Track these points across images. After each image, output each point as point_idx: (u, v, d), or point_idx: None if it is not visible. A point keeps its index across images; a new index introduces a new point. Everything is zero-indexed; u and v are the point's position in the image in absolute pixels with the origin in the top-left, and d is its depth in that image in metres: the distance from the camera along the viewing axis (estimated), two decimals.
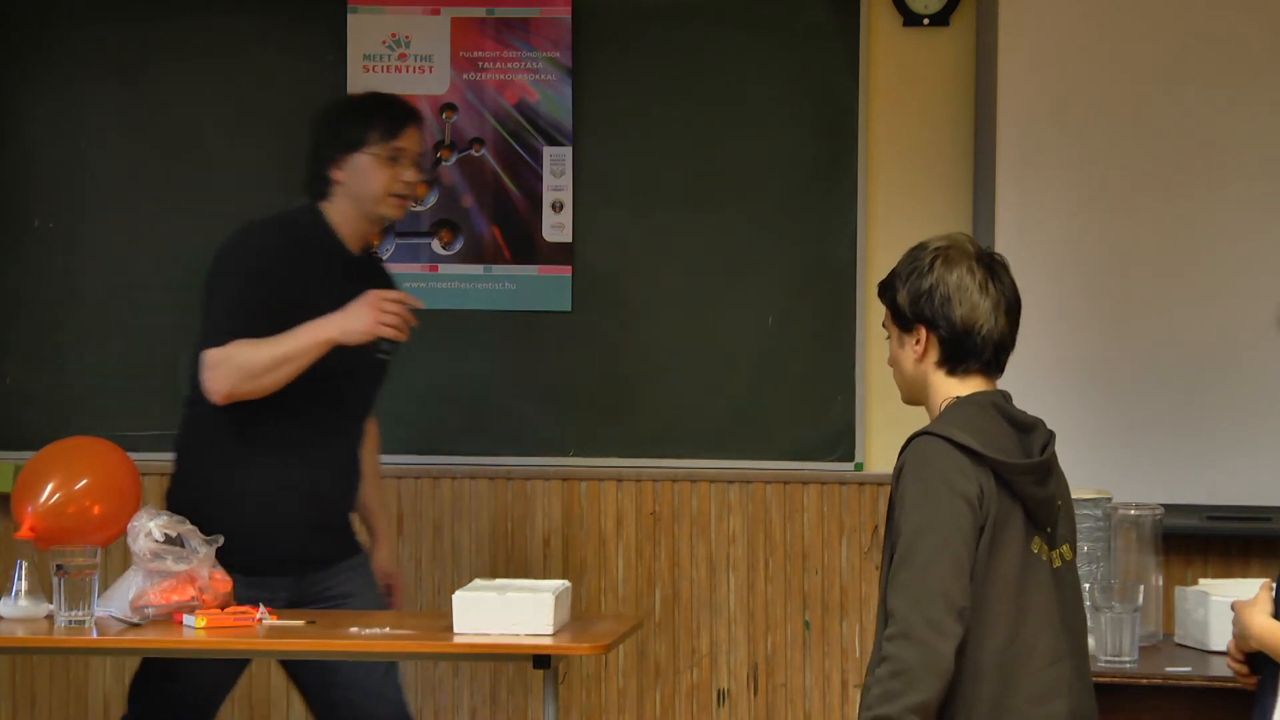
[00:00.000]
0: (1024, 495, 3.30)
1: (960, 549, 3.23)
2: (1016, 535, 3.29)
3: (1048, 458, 3.34)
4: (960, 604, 3.21)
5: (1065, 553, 3.37)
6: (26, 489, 4.16)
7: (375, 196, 4.36)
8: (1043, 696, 3.28)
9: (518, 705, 5.24)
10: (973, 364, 3.38)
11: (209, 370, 4.24)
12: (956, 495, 3.24)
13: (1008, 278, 3.41)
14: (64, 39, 5.30)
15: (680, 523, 5.22)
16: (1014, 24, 4.96)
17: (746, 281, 5.17)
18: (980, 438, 3.28)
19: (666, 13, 5.20)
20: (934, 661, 3.18)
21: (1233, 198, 4.91)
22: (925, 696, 3.17)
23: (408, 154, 4.37)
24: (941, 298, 3.35)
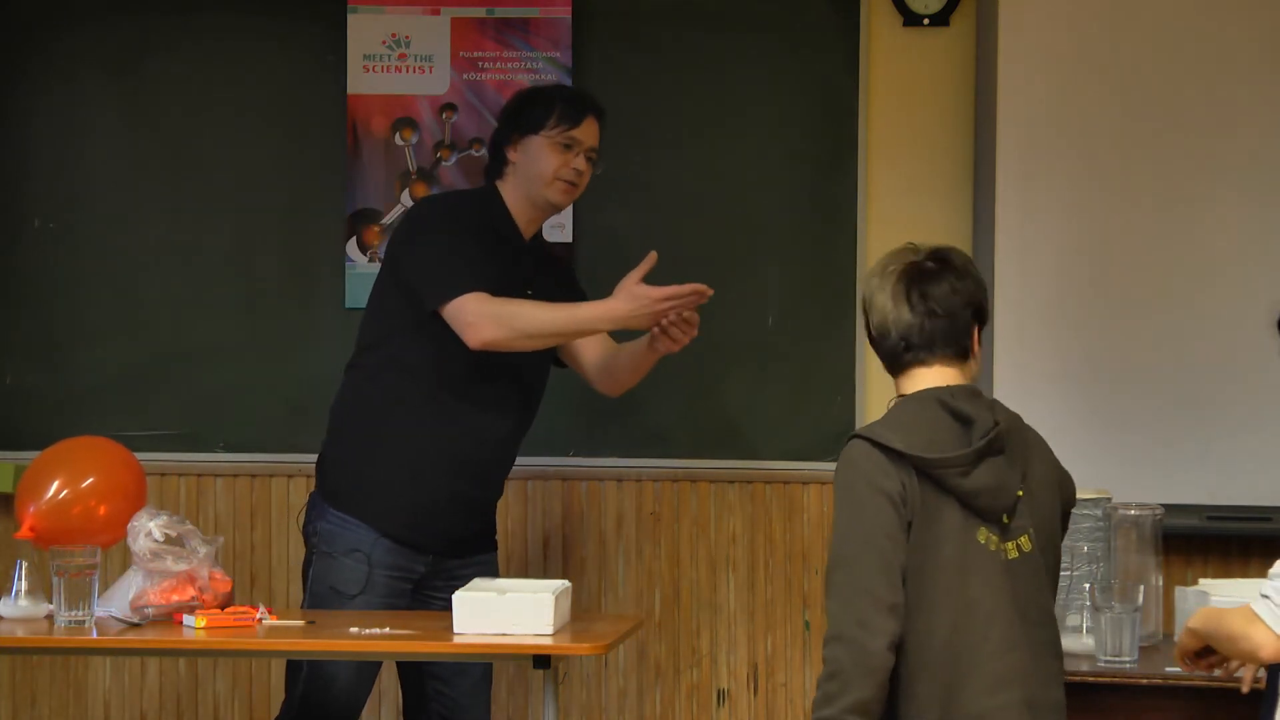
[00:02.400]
0: (951, 488, 3.34)
1: (885, 546, 3.30)
2: (953, 528, 3.34)
3: (977, 448, 3.36)
4: (889, 600, 3.28)
5: (1024, 543, 3.38)
6: (31, 488, 4.16)
7: (544, 178, 4.47)
8: (995, 686, 3.31)
9: (518, 705, 5.24)
10: (905, 360, 3.48)
11: (474, 316, 4.27)
12: (878, 494, 3.32)
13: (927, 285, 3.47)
14: (64, 38, 5.30)
15: (680, 523, 5.22)
16: (1014, 24, 4.96)
17: (746, 281, 5.17)
18: (905, 435, 3.36)
19: (666, 13, 5.20)
20: (865, 659, 3.25)
21: (1233, 197, 4.91)
22: (861, 695, 3.25)
23: (582, 145, 4.50)
24: (867, 314, 3.52)
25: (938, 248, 3.53)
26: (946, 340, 3.46)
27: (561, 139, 4.48)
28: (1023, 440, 3.46)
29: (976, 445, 3.36)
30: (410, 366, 4.42)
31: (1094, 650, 3.96)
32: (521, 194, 4.51)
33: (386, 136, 5.24)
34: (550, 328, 4.33)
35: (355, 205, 5.25)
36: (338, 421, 4.55)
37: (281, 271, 5.27)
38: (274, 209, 5.29)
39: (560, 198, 4.51)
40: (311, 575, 4.44)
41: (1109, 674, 3.87)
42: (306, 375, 5.24)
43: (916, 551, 3.33)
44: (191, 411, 5.27)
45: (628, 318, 4.33)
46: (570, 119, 4.48)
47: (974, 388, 3.48)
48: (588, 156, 4.52)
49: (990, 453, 3.37)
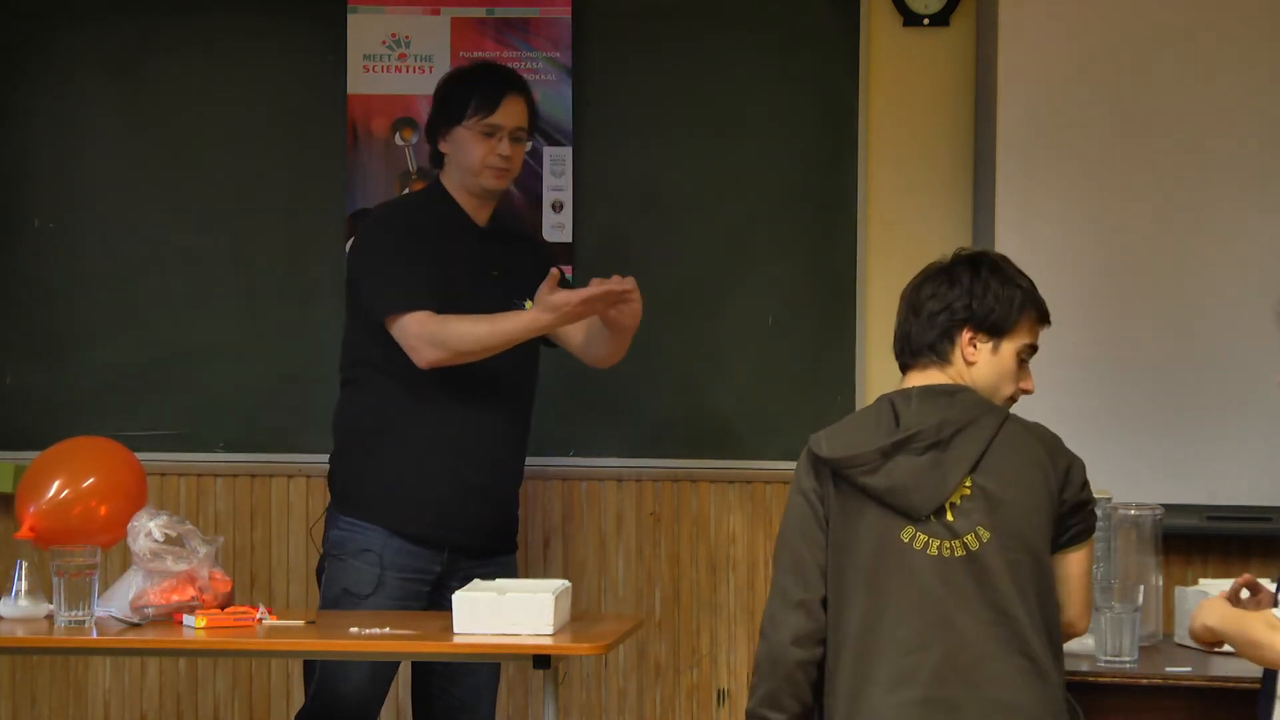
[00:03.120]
0: (860, 486, 3.42)
1: (798, 545, 3.47)
2: (870, 526, 3.42)
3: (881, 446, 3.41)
4: (797, 596, 3.44)
5: (970, 541, 3.38)
6: (31, 488, 4.16)
7: (472, 169, 4.49)
8: (895, 684, 3.36)
9: (518, 705, 5.24)
10: (900, 364, 3.60)
11: (416, 338, 4.34)
12: (799, 494, 3.51)
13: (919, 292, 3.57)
14: (63, 38, 5.30)
15: (680, 523, 5.22)
16: (1014, 24, 4.96)
17: (746, 282, 5.17)
18: (834, 437, 3.49)
19: (666, 13, 5.20)
20: (772, 653, 3.45)
21: (1233, 197, 4.91)
22: (770, 687, 3.46)
23: (505, 128, 4.49)
24: None
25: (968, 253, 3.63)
26: (920, 345, 3.55)
27: (482, 127, 4.47)
28: (982, 437, 3.43)
29: (881, 444, 3.42)
30: (397, 371, 4.43)
31: (1094, 650, 3.96)
32: (459, 184, 4.54)
33: (386, 136, 5.23)
34: (483, 343, 4.35)
35: (355, 205, 5.25)
36: (340, 434, 4.59)
37: (281, 271, 5.27)
38: (274, 209, 5.29)
39: (493, 183, 4.52)
40: (324, 580, 4.47)
41: (1109, 674, 3.87)
42: (306, 375, 5.24)
43: (836, 550, 3.45)
44: (191, 411, 5.27)
45: (551, 325, 4.37)
46: (487, 106, 4.48)
47: (947, 387, 3.50)
48: (514, 137, 4.51)
49: (905, 450, 3.40)
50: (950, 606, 3.37)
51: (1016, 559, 3.40)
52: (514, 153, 4.52)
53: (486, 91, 4.49)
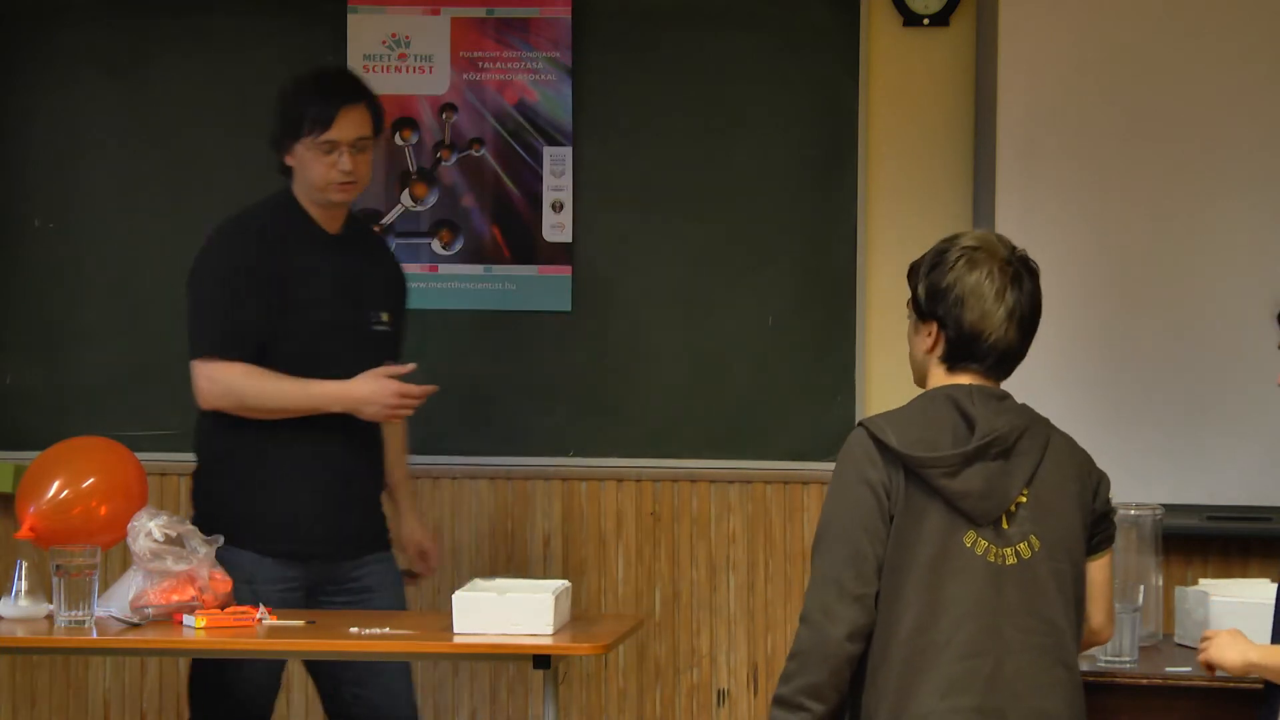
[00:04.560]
0: (938, 488, 3.34)
1: (860, 538, 3.34)
2: (935, 528, 3.34)
3: (971, 448, 3.34)
4: (856, 591, 3.32)
5: (1023, 550, 3.36)
6: (31, 488, 4.16)
7: (317, 186, 4.42)
8: (947, 689, 3.31)
9: (518, 705, 5.24)
10: (973, 365, 3.43)
11: (208, 382, 4.34)
12: (863, 484, 3.35)
13: (1030, 285, 3.45)
14: (64, 39, 5.30)
15: (680, 523, 5.22)
16: (1014, 24, 4.96)
17: (746, 281, 5.17)
18: (903, 430, 3.36)
19: (666, 13, 5.20)
20: (823, 645, 3.32)
21: (1233, 197, 4.91)
22: (815, 679, 3.32)
23: (343, 142, 4.39)
24: (956, 299, 3.40)
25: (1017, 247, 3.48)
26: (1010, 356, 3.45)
27: (320, 145, 4.38)
28: (1039, 447, 3.41)
29: (966, 448, 3.34)
30: None
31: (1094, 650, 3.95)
32: (307, 197, 4.46)
33: (386, 136, 5.23)
34: (278, 404, 4.34)
35: (355, 205, 5.23)
36: (200, 455, 4.52)
37: None
38: None
39: (340, 197, 4.45)
40: None
41: (1109, 674, 3.87)
42: None
43: (896, 547, 3.34)
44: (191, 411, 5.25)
45: (363, 400, 4.34)
46: (322, 122, 4.37)
47: (1000, 391, 3.45)
48: (356, 148, 4.40)
49: (984, 457, 3.35)
50: (1001, 614, 3.34)
51: (1061, 569, 3.39)
52: (357, 164, 4.41)
53: (320, 106, 4.37)
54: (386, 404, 4.35)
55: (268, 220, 4.46)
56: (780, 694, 3.36)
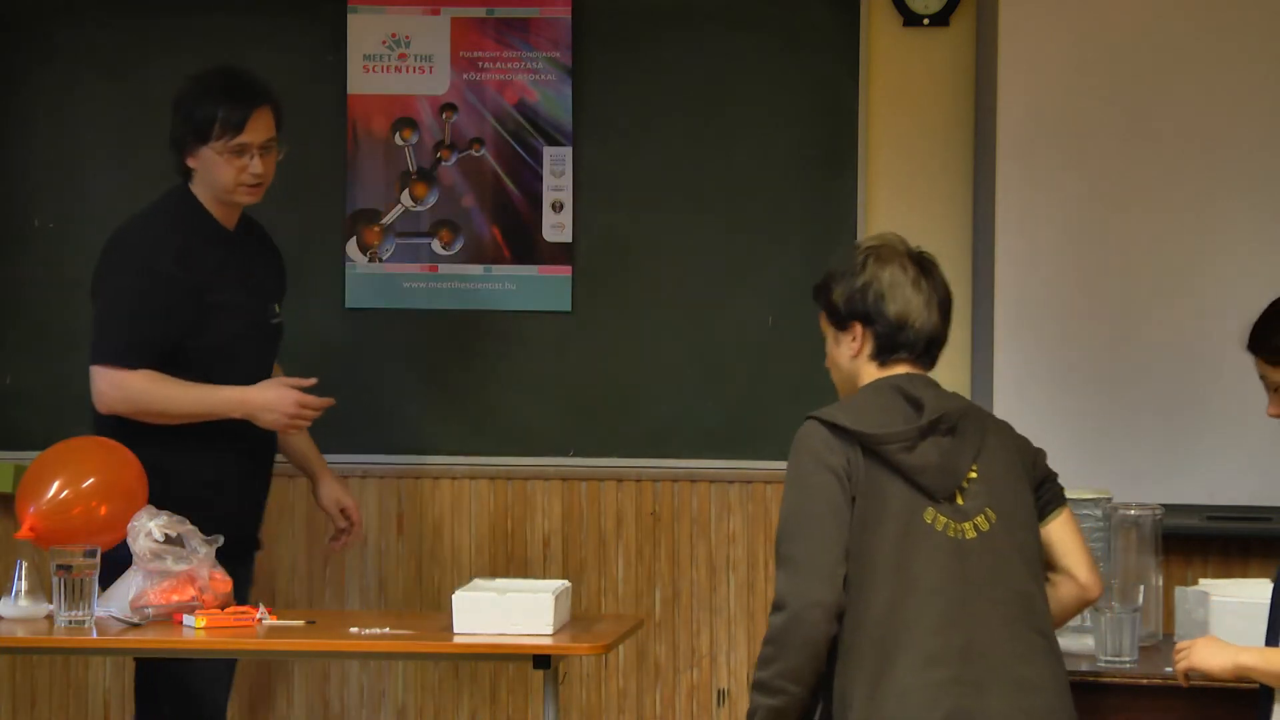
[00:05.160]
0: (896, 464, 3.41)
1: (827, 521, 3.40)
2: (897, 506, 3.42)
3: (923, 423, 3.43)
4: (827, 573, 3.38)
5: (981, 524, 3.43)
6: (31, 488, 4.15)
7: (225, 189, 4.43)
8: (925, 664, 3.36)
9: (518, 705, 5.24)
10: (902, 355, 3.54)
11: (109, 387, 4.34)
12: (823, 470, 3.42)
13: (939, 275, 3.59)
14: (64, 39, 5.30)
15: (680, 523, 5.22)
16: (1014, 24, 4.96)
17: (746, 281, 5.17)
18: (854, 415, 3.46)
19: (666, 13, 5.20)
20: (799, 629, 3.38)
21: (1232, 197, 4.91)
22: (793, 662, 3.39)
23: (253, 145, 4.40)
24: (876, 295, 3.53)
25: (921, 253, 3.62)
26: (935, 341, 3.56)
27: (230, 148, 4.38)
28: (979, 425, 3.52)
29: (920, 423, 3.43)
30: None
31: (1094, 650, 3.95)
32: (210, 196, 4.46)
33: (386, 136, 5.24)
34: (178, 409, 4.34)
35: (355, 205, 5.25)
36: None
37: None
38: (274, 209, 5.28)
39: (247, 199, 4.47)
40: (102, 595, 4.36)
41: (1109, 674, 3.86)
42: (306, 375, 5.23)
43: (860, 527, 3.40)
44: None
45: (262, 408, 4.36)
46: (234, 125, 4.37)
47: (932, 379, 3.55)
48: (264, 150, 4.42)
49: (935, 432, 3.44)
50: (970, 587, 3.40)
51: (1023, 540, 3.48)
52: (265, 166, 4.43)
53: (232, 109, 4.38)
54: (286, 413, 4.37)
55: (173, 219, 4.46)
56: (760, 679, 3.43)
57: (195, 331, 4.37)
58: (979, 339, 4.98)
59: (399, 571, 5.27)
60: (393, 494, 5.27)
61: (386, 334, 5.26)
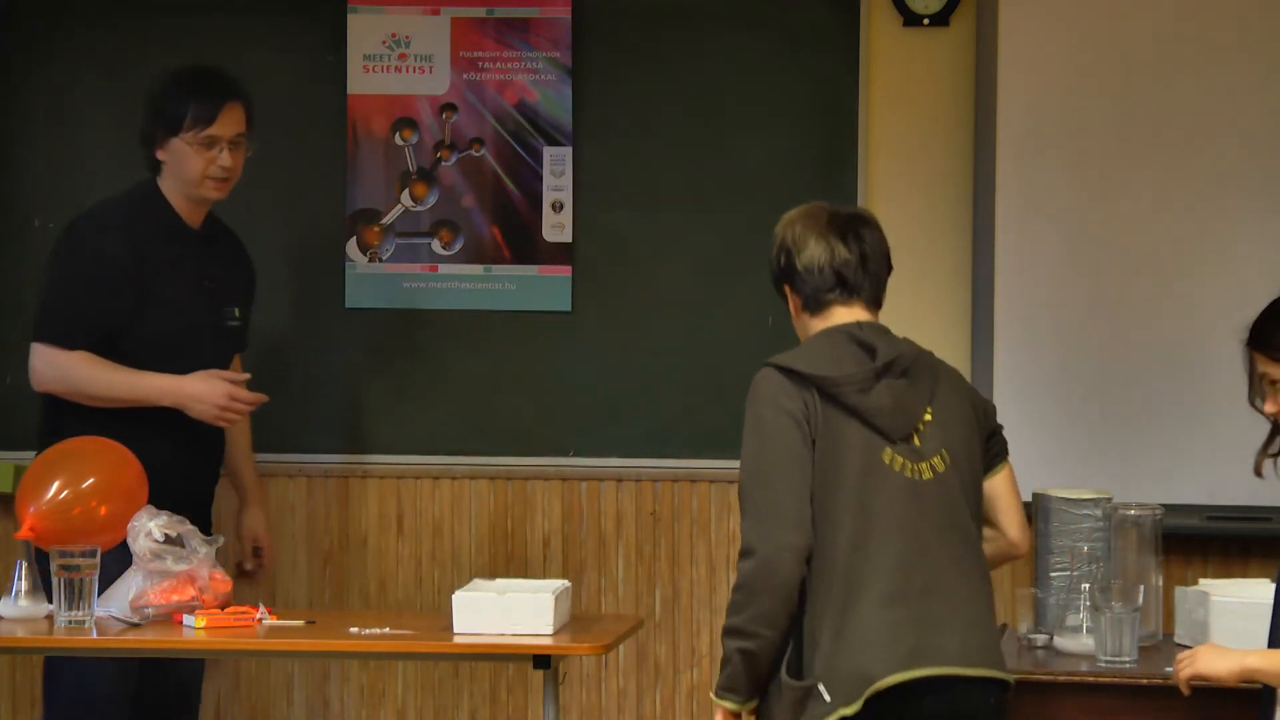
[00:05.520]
0: (852, 406, 3.49)
1: (791, 466, 3.47)
2: (856, 446, 3.49)
3: (878, 365, 3.51)
4: (794, 517, 3.44)
5: (937, 464, 3.52)
6: (31, 488, 4.15)
7: (193, 181, 4.46)
8: (888, 601, 3.43)
9: (518, 705, 5.24)
10: (830, 299, 3.63)
11: (44, 365, 4.41)
12: (782, 414, 3.49)
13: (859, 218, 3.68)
14: (64, 39, 5.30)
15: (680, 523, 5.22)
16: (1014, 24, 4.96)
17: (746, 281, 5.17)
18: (808, 359, 3.54)
19: (666, 13, 5.20)
20: (770, 573, 3.44)
21: (1232, 196, 4.91)
22: (765, 607, 3.44)
23: (223, 138, 4.45)
24: (786, 251, 3.68)
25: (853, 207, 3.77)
26: (874, 283, 3.63)
27: (201, 139, 4.43)
28: (931, 370, 3.61)
29: (875, 365, 3.51)
30: None
31: (1094, 650, 3.95)
32: (178, 192, 4.49)
33: (386, 136, 5.24)
34: (109, 392, 4.39)
35: (355, 205, 5.25)
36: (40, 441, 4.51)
37: (281, 271, 5.27)
38: (274, 209, 5.29)
39: (214, 194, 4.51)
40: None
41: (1109, 674, 3.87)
42: (306, 375, 5.25)
43: (821, 469, 3.47)
44: None
45: (193, 398, 4.39)
46: (205, 117, 4.43)
47: (884, 326, 3.63)
48: (234, 144, 4.47)
49: (889, 374, 3.52)
50: (926, 527, 3.48)
51: (969, 483, 3.57)
52: (234, 161, 4.48)
53: (204, 102, 4.43)
54: (216, 404, 4.40)
55: (134, 211, 4.50)
56: (732, 624, 3.48)
57: (138, 322, 4.41)
58: (979, 339, 4.98)
59: (399, 571, 5.27)
60: (393, 494, 5.27)
61: (386, 334, 5.26)
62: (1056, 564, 4.19)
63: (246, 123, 4.52)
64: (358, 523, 5.27)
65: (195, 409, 4.41)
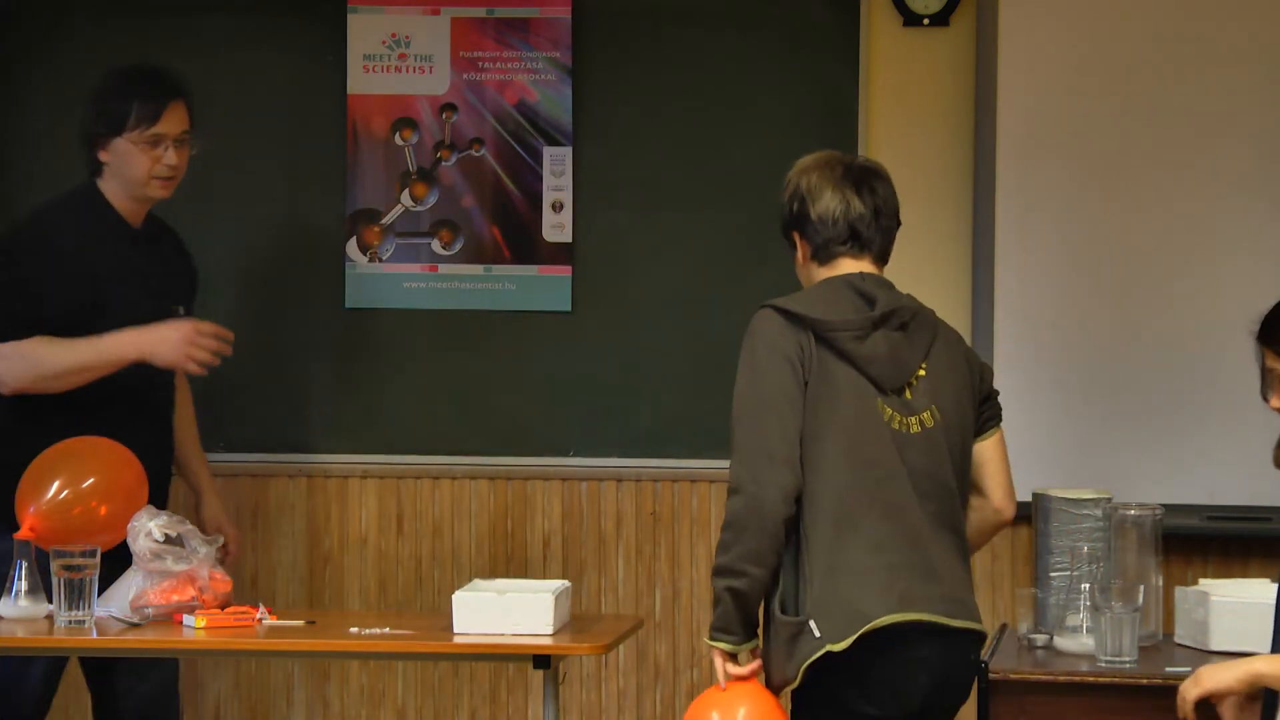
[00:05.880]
0: (846, 352, 3.54)
1: (783, 406, 3.52)
2: (850, 392, 3.54)
3: (876, 314, 3.56)
4: (784, 456, 3.49)
5: (926, 419, 3.59)
6: (31, 488, 4.15)
7: (139, 181, 4.43)
8: (878, 547, 3.50)
9: (518, 705, 5.24)
10: (840, 251, 3.67)
11: (5, 362, 4.31)
12: (777, 354, 3.54)
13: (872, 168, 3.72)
14: (65, 39, 5.30)
15: (680, 523, 5.22)
16: (1014, 24, 4.96)
17: (746, 281, 5.17)
18: (806, 304, 3.59)
19: (666, 13, 5.20)
20: (759, 512, 3.47)
21: (1233, 196, 4.91)
22: (754, 544, 3.48)
23: (169, 137, 4.42)
24: (800, 199, 3.71)
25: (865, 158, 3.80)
26: (884, 238, 3.70)
27: (146, 138, 4.40)
28: (931, 327, 3.67)
29: (872, 314, 3.56)
30: None
31: (1094, 650, 3.95)
32: (121, 191, 4.46)
33: (386, 136, 5.24)
34: (74, 362, 4.32)
35: (355, 205, 5.25)
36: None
37: (281, 271, 5.27)
38: (274, 209, 5.29)
39: (160, 193, 4.48)
40: None
41: (1109, 674, 3.87)
42: (306, 375, 5.25)
43: (814, 413, 3.52)
44: None
45: (157, 341, 4.35)
46: (150, 116, 4.40)
47: (888, 280, 3.67)
48: (179, 143, 4.44)
49: (887, 325, 3.58)
50: (910, 480, 3.54)
51: (956, 442, 3.64)
52: (180, 159, 4.45)
53: (148, 100, 4.40)
54: (182, 340, 4.34)
55: (79, 213, 4.46)
56: (721, 563, 3.50)
57: (88, 323, 4.36)
58: (979, 338, 4.98)
59: (399, 571, 5.27)
60: (392, 494, 5.27)
61: (386, 334, 5.26)
62: (1056, 564, 4.19)
63: (190, 121, 4.48)
64: (357, 523, 5.28)
65: (161, 353, 4.35)
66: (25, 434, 4.31)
